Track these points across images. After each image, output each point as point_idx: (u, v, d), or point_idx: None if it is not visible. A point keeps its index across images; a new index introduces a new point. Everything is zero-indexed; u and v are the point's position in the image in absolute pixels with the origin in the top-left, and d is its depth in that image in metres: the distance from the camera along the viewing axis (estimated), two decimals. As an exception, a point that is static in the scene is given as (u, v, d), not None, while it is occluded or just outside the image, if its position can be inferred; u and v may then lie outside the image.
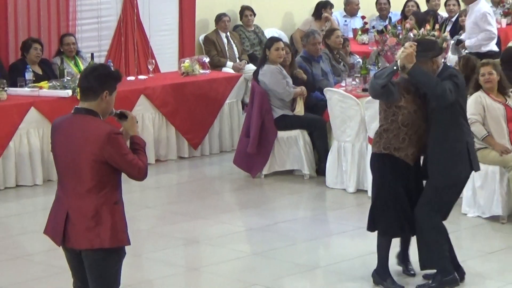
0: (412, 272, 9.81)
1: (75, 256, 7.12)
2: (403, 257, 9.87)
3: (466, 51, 14.98)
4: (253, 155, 13.62)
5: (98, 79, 7.00)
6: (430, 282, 9.57)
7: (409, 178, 9.41)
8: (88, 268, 7.07)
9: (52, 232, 7.09)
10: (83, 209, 6.91)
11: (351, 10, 18.62)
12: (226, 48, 16.53)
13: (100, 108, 6.98)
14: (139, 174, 6.97)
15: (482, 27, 15.95)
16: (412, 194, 9.42)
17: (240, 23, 17.37)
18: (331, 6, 18.11)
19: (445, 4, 18.95)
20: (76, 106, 7.00)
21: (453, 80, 9.24)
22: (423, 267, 9.59)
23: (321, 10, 17.90)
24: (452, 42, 14.94)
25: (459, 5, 18.94)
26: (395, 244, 9.75)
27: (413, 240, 9.73)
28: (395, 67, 9.18)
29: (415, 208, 9.37)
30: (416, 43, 9.41)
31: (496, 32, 16.60)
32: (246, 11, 17.29)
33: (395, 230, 9.54)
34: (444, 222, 9.51)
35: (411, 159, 9.32)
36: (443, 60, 9.73)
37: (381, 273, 9.61)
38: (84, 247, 6.91)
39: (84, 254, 6.99)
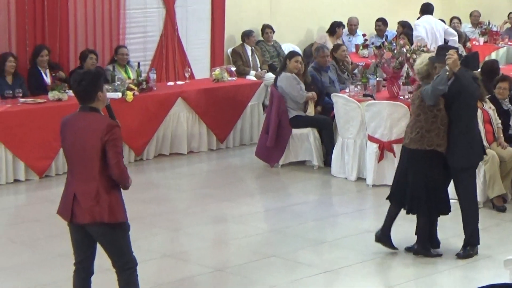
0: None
1: (80, 231, 7.22)
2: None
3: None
4: (271, 148, 13.60)
5: (90, 82, 7.08)
6: (468, 248, 9.73)
7: (444, 166, 9.61)
8: (100, 243, 7.27)
9: (62, 211, 7.24)
10: (87, 191, 7.07)
11: (350, 29, 18.48)
12: (250, 59, 16.43)
13: (99, 104, 7.13)
14: (118, 168, 6.98)
15: None
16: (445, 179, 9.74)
17: (262, 38, 17.14)
18: (343, 26, 18.07)
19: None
20: (80, 107, 7.15)
21: (477, 82, 9.79)
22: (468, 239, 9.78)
23: (335, 28, 17.84)
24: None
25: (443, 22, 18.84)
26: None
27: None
28: (447, 73, 9.25)
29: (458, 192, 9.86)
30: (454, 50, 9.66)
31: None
32: (267, 29, 17.23)
33: (441, 210, 9.77)
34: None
35: (445, 150, 9.46)
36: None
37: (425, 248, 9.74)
38: (87, 222, 7.06)
39: (89, 229, 7.14)
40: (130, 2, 15.19)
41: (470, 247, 9.62)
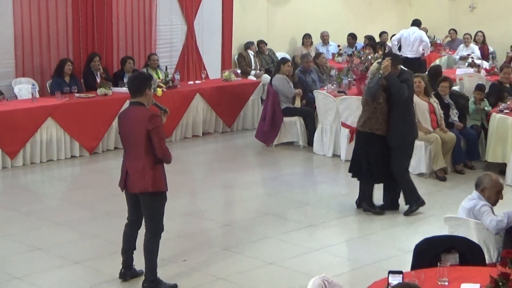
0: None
1: (132, 198, 7.43)
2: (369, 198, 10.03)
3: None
4: (267, 132, 13.57)
5: (140, 83, 7.27)
6: (409, 206, 9.87)
7: (383, 145, 9.64)
8: (143, 207, 7.34)
9: (119, 183, 7.43)
10: (136, 167, 7.21)
11: (323, 40, 18.35)
12: (252, 61, 16.37)
13: (145, 100, 7.20)
14: (161, 150, 7.14)
15: None
16: (385, 155, 9.71)
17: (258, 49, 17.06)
18: (310, 36, 17.82)
19: (391, 38, 18.79)
20: (130, 101, 7.36)
21: (407, 83, 9.63)
22: (406, 200, 9.95)
23: (303, 39, 17.75)
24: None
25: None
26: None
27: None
28: (379, 76, 9.45)
29: (391, 165, 9.77)
30: (390, 58, 9.74)
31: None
32: (261, 44, 17.09)
33: (376, 179, 9.90)
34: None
35: (384, 132, 9.52)
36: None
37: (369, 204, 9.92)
38: (135, 191, 7.23)
39: (139, 196, 7.28)
40: (159, 20, 15.19)
41: (410, 206, 9.77)
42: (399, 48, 17.74)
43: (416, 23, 18.33)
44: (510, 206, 7.42)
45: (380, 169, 9.76)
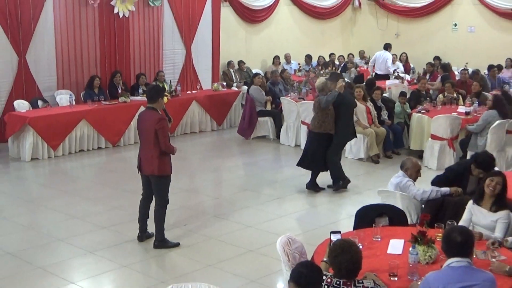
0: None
1: (145, 178, 7.55)
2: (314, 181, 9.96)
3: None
4: (246, 128, 13.54)
5: (155, 93, 7.45)
6: (337, 184, 9.84)
7: (330, 141, 9.61)
8: (153, 186, 7.48)
9: (137, 167, 7.57)
10: (146, 156, 7.39)
11: (287, 60, 18.25)
12: (233, 77, 16.31)
13: (158, 106, 7.34)
14: (164, 144, 7.27)
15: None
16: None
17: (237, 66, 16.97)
18: (278, 57, 17.71)
19: (338, 57, 18.80)
20: (147, 106, 7.50)
21: (343, 96, 9.62)
22: (335, 179, 9.85)
23: (273, 60, 17.63)
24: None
25: (344, 58, 18.75)
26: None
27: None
28: (336, 93, 9.45)
29: (328, 153, 9.66)
30: (329, 77, 9.97)
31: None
32: (240, 63, 17.00)
33: (322, 169, 9.86)
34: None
35: (333, 132, 9.53)
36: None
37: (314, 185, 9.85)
38: (147, 173, 7.42)
39: (150, 177, 7.44)
40: (165, 45, 15.07)
41: (338, 184, 9.76)
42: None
43: (385, 46, 18.25)
44: (426, 181, 7.48)
45: (323, 160, 9.75)
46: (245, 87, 14.91)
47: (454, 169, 7.63)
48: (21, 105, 12.28)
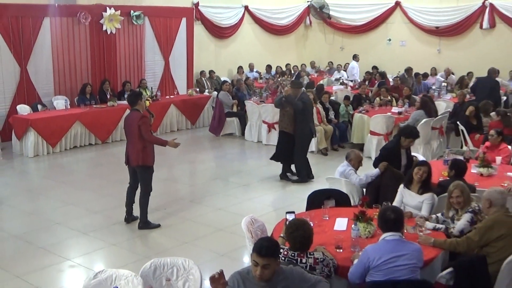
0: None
1: (132, 169, 7.53)
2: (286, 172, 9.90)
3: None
4: (216, 127, 13.46)
5: (134, 97, 7.41)
6: (298, 178, 9.73)
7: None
8: (138, 175, 7.46)
9: (125, 160, 7.50)
10: (132, 149, 7.34)
11: (250, 68, 18.16)
12: (205, 84, 16.21)
13: (140, 107, 7.32)
14: (148, 137, 7.24)
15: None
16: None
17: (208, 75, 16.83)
18: (242, 67, 17.62)
19: (292, 67, 18.85)
20: (131, 109, 7.44)
21: (302, 100, 9.36)
22: (298, 172, 9.75)
23: (238, 70, 17.59)
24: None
25: (297, 67, 18.84)
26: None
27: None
28: (282, 97, 9.45)
29: (294, 150, 9.60)
30: (290, 85, 9.92)
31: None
32: (211, 72, 16.78)
33: (291, 161, 9.78)
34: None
35: (291, 131, 9.50)
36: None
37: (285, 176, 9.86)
38: (133, 165, 7.36)
39: (135, 168, 7.40)
40: (146, 57, 14.88)
41: (299, 178, 9.64)
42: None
43: (354, 57, 18.29)
44: (367, 170, 7.53)
45: (290, 155, 9.69)
46: (215, 93, 14.84)
47: (388, 147, 7.60)
48: (23, 109, 12.11)
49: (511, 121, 9.78)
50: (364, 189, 7.06)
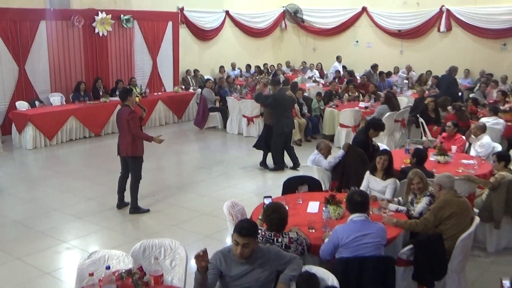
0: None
1: (123, 159, 7.45)
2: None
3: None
4: (200, 121, 13.41)
5: (124, 94, 7.33)
6: (275, 166, 9.71)
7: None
8: (129, 165, 7.40)
9: (117, 151, 7.43)
10: (123, 141, 7.28)
11: (233, 67, 18.03)
12: (190, 82, 16.06)
13: (129, 102, 7.25)
14: (136, 132, 7.19)
15: None
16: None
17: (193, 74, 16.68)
18: (223, 67, 17.38)
19: (269, 66, 18.79)
20: (122, 104, 7.38)
21: (273, 97, 9.37)
22: (274, 162, 9.71)
23: (220, 69, 17.34)
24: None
25: (274, 66, 18.80)
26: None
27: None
28: (259, 91, 9.68)
29: (271, 141, 9.59)
30: (269, 82, 10.06)
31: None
32: (195, 71, 16.58)
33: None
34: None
35: (271, 123, 9.48)
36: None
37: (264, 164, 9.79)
38: (124, 155, 7.32)
39: (126, 158, 7.36)
40: (136, 57, 14.74)
41: (275, 166, 9.64)
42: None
43: (337, 58, 18.11)
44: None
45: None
46: (199, 90, 14.79)
47: (360, 140, 7.54)
48: (22, 105, 11.95)
49: (465, 115, 9.90)
50: (332, 171, 7.12)
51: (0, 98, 12.15)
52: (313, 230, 4.80)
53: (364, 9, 18.75)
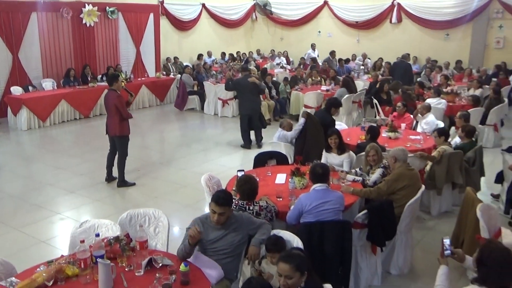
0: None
1: (111, 138, 7.28)
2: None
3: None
4: (180, 103, 13.26)
5: (111, 78, 7.13)
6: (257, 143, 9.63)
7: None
8: (116, 143, 7.26)
9: (105, 130, 7.26)
10: (111, 122, 7.12)
11: (209, 54, 17.84)
12: (171, 68, 15.84)
13: (116, 87, 7.05)
14: (123, 113, 7.04)
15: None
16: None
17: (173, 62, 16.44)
18: (202, 54, 17.03)
19: (242, 54, 18.61)
20: (109, 88, 7.15)
21: (232, 82, 9.56)
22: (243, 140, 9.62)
23: (198, 56, 16.98)
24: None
25: (246, 54, 18.62)
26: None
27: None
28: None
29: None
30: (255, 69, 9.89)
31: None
32: (175, 59, 16.33)
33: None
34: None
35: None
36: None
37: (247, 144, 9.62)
38: (112, 135, 7.16)
39: (114, 137, 7.20)
40: (121, 46, 14.42)
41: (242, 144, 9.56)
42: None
43: (311, 45, 17.78)
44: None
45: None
46: (179, 75, 14.57)
47: (328, 119, 7.48)
48: (16, 90, 11.60)
49: (411, 97, 10.02)
50: (295, 141, 7.22)
51: (-5, 84, 11.84)
52: (281, 199, 4.81)
53: (325, 2, 18.69)
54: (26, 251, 5.47)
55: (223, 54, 18.35)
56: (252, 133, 9.74)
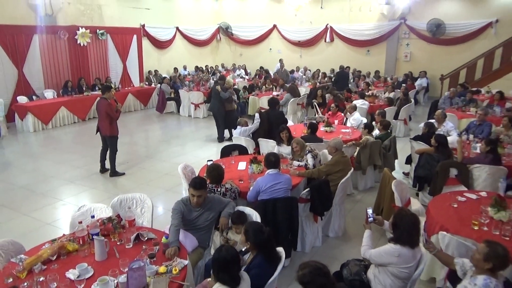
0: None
1: (103, 137, 7.02)
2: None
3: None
4: (161, 107, 12.97)
5: (104, 88, 6.86)
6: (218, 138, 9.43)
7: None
8: (107, 142, 6.99)
9: (97, 130, 7.01)
10: (102, 124, 6.83)
11: (184, 68, 17.46)
12: (152, 79, 15.42)
13: (108, 96, 6.79)
14: (113, 116, 6.79)
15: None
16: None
17: (154, 73, 16.06)
18: (177, 68, 16.69)
19: (209, 67, 18.35)
20: (101, 96, 6.84)
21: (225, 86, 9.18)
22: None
23: (174, 69, 16.61)
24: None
25: (213, 67, 18.41)
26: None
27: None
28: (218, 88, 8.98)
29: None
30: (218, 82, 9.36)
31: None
32: (156, 72, 15.92)
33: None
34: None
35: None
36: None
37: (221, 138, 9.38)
38: (103, 134, 6.88)
39: (105, 137, 6.94)
40: (110, 61, 13.94)
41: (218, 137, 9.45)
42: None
43: (279, 60, 16.67)
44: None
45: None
46: (159, 85, 14.23)
47: (281, 115, 7.62)
48: (22, 99, 11.02)
49: (340, 99, 10.21)
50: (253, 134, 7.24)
51: (4, 94, 11.18)
52: (242, 182, 4.81)
53: (274, 26, 18.73)
54: (34, 233, 5.25)
55: (197, 67, 18.06)
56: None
